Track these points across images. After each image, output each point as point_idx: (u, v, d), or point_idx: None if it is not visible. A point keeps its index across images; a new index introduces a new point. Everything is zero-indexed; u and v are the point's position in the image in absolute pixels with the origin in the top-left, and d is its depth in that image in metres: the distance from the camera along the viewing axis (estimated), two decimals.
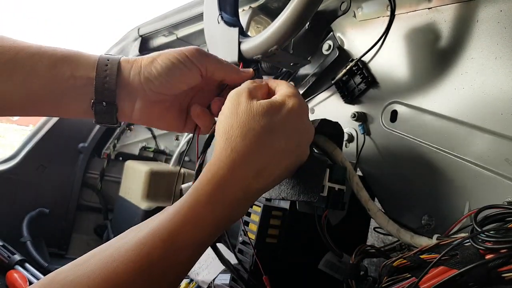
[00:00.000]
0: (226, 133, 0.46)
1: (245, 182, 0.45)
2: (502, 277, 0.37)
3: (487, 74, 0.56)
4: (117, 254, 0.39)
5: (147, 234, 0.40)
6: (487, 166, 0.55)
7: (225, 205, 0.43)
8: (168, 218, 0.41)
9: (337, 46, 0.77)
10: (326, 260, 0.65)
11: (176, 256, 0.40)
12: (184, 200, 0.43)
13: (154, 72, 0.53)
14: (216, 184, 0.43)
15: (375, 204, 0.61)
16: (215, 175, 0.44)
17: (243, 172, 0.45)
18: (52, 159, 1.47)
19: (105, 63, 0.52)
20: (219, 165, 0.44)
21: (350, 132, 0.75)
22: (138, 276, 0.38)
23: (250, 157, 0.45)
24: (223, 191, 0.43)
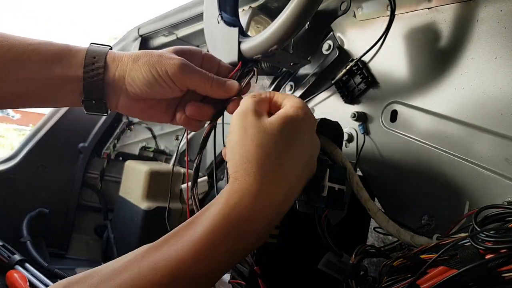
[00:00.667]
0: (243, 158, 0.43)
1: (272, 208, 0.43)
2: (502, 277, 0.37)
3: (487, 74, 0.56)
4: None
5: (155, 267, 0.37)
6: (487, 166, 0.55)
7: (246, 238, 0.41)
8: (181, 248, 0.38)
9: (337, 46, 0.77)
10: (326, 260, 0.65)
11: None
12: (200, 230, 0.39)
13: (136, 80, 0.53)
14: (238, 215, 0.40)
15: (375, 204, 0.61)
16: (237, 205, 0.41)
17: (272, 196, 0.42)
18: (52, 159, 1.47)
19: (91, 62, 0.53)
20: (242, 194, 0.41)
21: (350, 132, 0.75)
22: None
23: (278, 180, 0.43)
24: (248, 223, 0.41)
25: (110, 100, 0.57)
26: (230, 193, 0.42)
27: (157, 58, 0.53)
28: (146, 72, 0.53)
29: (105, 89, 0.55)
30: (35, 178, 1.43)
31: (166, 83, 0.54)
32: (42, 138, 1.44)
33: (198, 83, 0.55)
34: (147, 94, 0.55)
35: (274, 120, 0.45)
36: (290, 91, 0.86)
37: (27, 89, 0.53)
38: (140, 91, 0.55)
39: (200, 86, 0.55)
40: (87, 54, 0.54)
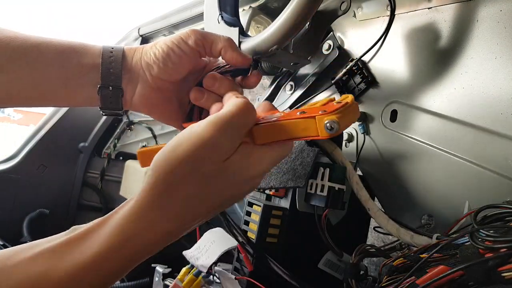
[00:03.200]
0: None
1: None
2: (502, 276, 0.37)
3: (487, 74, 0.56)
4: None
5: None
6: (486, 166, 0.55)
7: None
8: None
9: (337, 46, 0.77)
10: (326, 260, 0.65)
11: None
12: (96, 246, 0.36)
13: (152, 57, 0.53)
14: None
15: (375, 203, 0.61)
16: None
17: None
18: (53, 159, 1.47)
19: (109, 50, 0.54)
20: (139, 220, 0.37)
21: (350, 131, 0.75)
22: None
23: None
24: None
25: (126, 90, 0.56)
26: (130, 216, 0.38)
27: (172, 35, 0.55)
28: (161, 46, 0.53)
29: (122, 77, 0.54)
30: (36, 177, 1.43)
31: (180, 48, 0.53)
32: (42, 137, 1.44)
33: (215, 38, 0.54)
34: (164, 70, 0.54)
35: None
36: (290, 91, 0.86)
37: (43, 83, 0.53)
38: (157, 68, 0.54)
39: (215, 40, 0.54)
40: (105, 46, 0.55)
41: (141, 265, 0.41)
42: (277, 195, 0.66)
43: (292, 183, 0.58)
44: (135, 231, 0.36)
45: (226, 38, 0.55)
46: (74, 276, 0.35)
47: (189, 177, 0.37)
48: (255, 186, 0.42)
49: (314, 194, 0.60)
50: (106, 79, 0.53)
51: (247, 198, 0.67)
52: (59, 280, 0.35)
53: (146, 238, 0.37)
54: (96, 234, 0.37)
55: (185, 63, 0.54)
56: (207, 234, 0.68)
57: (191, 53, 0.54)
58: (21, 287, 0.34)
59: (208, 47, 0.54)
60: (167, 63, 0.54)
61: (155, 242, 0.38)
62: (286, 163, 0.61)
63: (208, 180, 0.37)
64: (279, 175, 0.61)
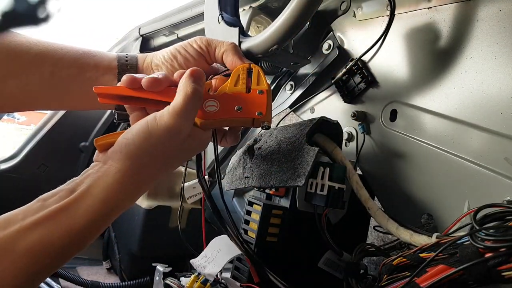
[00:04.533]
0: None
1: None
2: (502, 275, 0.37)
3: (487, 74, 0.57)
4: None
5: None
6: (486, 165, 0.56)
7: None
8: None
9: (337, 45, 0.77)
10: (326, 259, 0.65)
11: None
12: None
13: (161, 58, 0.58)
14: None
15: (374, 202, 0.61)
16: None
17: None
18: (54, 158, 1.47)
19: (124, 56, 0.59)
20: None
21: (350, 131, 0.76)
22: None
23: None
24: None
25: None
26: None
27: (182, 42, 0.59)
28: (171, 50, 0.59)
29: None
30: (37, 177, 1.43)
31: (186, 51, 0.58)
32: (43, 137, 1.44)
33: (218, 43, 0.58)
34: (171, 71, 0.57)
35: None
36: (290, 91, 0.86)
37: (62, 86, 0.56)
38: (165, 70, 0.58)
39: (218, 44, 0.58)
40: (119, 54, 0.59)
41: (142, 264, 0.45)
42: (277, 194, 0.66)
43: (292, 182, 0.58)
44: (118, 202, 0.45)
45: (230, 42, 0.59)
46: (71, 239, 0.42)
47: (158, 158, 0.46)
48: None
49: (314, 193, 0.60)
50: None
51: (247, 198, 0.67)
52: (61, 244, 0.41)
53: (126, 205, 0.47)
54: (83, 204, 0.43)
55: (190, 65, 0.57)
56: (213, 242, 0.68)
57: (196, 56, 0.58)
58: (27, 253, 0.39)
59: (212, 51, 0.58)
60: (174, 64, 0.58)
61: (130, 205, 0.48)
62: (286, 162, 0.62)
63: (171, 157, 0.48)
64: (279, 174, 0.62)
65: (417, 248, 0.50)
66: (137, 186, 0.46)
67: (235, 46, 0.58)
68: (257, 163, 0.68)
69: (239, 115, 0.50)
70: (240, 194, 1.19)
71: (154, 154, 0.46)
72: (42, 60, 0.55)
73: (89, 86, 0.56)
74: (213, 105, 0.50)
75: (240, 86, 0.53)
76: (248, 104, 0.51)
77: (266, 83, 0.53)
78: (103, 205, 0.43)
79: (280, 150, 0.65)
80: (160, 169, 0.48)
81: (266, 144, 0.69)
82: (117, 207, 0.45)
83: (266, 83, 0.53)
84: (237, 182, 0.72)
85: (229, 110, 0.50)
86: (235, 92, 0.52)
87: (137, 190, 0.47)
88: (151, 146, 0.45)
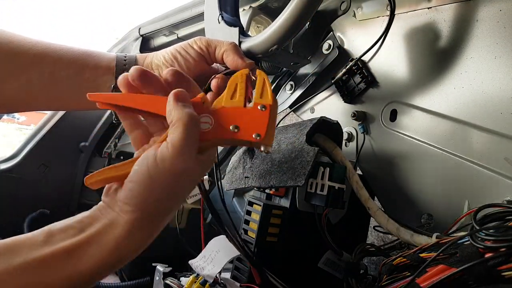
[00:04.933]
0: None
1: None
2: (502, 275, 0.37)
3: (487, 74, 0.57)
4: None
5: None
6: (486, 165, 0.56)
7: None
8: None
9: (337, 45, 0.77)
10: (326, 259, 0.65)
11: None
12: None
13: (162, 59, 0.58)
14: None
15: (375, 203, 0.61)
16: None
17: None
18: (54, 158, 1.47)
19: (123, 56, 0.59)
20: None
21: (350, 131, 0.76)
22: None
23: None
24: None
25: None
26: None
27: (182, 42, 0.58)
28: (171, 50, 0.58)
29: None
30: (36, 177, 1.43)
31: (187, 52, 0.57)
32: (43, 137, 1.44)
33: (217, 43, 0.57)
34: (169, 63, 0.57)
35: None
36: (290, 91, 0.86)
37: (61, 86, 0.56)
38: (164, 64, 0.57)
39: (218, 44, 0.57)
40: (118, 54, 0.59)
41: (142, 264, 0.44)
42: (277, 194, 0.66)
43: (292, 182, 0.58)
44: (126, 253, 0.42)
45: (230, 42, 0.58)
46: (72, 284, 0.40)
47: (167, 201, 0.43)
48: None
49: (314, 193, 0.60)
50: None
51: (247, 198, 0.67)
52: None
53: (134, 255, 0.44)
54: (90, 250, 0.41)
55: (191, 66, 0.57)
56: (212, 243, 0.68)
57: (196, 57, 0.57)
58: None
59: (212, 51, 0.57)
60: (174, 65, 0.57)
61: (138, 253, 0.45)
62: (286, 162, 0.62)
63: (180, 194, 0.44)
64: (279, 174, 0.62)
65: (417, 248, 0.50)
66: (148, 233, 0.44)
67: (235, 46, 0.57)
68: (257, 163, 0.68)
69: (235, 135, 0.42)
70: (240, 194, 1.19)
71: (163, 198, 0.42)
72: (42, 60, 0.54)
73: (88, 86, 0.56)
74: (207, 122, 0.43)
75: (237, 99, 0.45)
76: (246, 123, 0.43)
77: (271, 97, 0.44)
78: (110, 255, 0.42)
79: (280, 150, 0.65)
80: (171, 208, 0.45)
81: None
82: (125, 257, 0.43)
83: (271, 97, 0.44)
84: (237, 182, 0.72)
85: (224, 130, 0.43)
86: (231, 106, 0.44)
87: (148, 237, 0.44)
88: (158, 194, 0.42)
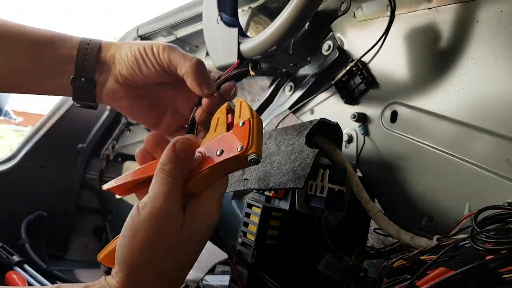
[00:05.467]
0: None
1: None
2: (503, 278, 0.37)
3: (487, 75, 0.56)
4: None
5: None
6: (487, 167, 0.55)
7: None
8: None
9: (337, 46, 0.77)
10: (326, 261, 0.65)
11: None
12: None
13: (124, 58, 0.54)
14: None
15: (375, 205, 0.61)
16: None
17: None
18: (51, 160, 1.47)
19: (87, 43, 0.55)
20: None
21: (350, 132, 0.75)
22: None
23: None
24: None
25: (99, 81, 0.56)
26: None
27: (147, 42, 0.55)
28: (135, 50, 0.53)
29: (96, 69, 0.55)
30: (34, 179, 1.43)
31: (150, 61, 0.53)
32: (40, 139, 1.44)
33: (179, 61, 0.53)
34: (131, 74, 0.54)
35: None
36: (290, 92, 0.86)
37: (18, 71, 0.54)
38: (126, 71, 0.54)
39: (180, 63, 0.53)
40: (82, 39, 0.55)
41: None
42: (277, 197, 0.65)
43: (291, 184, 0.58)
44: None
45: (191, 63, 0.52)
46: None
47: (156, 260, 0.40)
48: (216, 223, 0.44)
49: (314, 196, 0.60)
50: (80, 70, 0.54)
51: (246, 200, 0.67)
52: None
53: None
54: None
55: (151, 75, 0.54)
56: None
57: (158, 68, 0.54)
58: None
59: (174, 69, 0.53)
60: (135, 70, 0.54)
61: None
62: (285, 164, 0.61)
63: (176, 249, 0.41)
64: (278, 176, 0.61)
65: (418, 251, 0.50)
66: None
67: (195, 70, 0.52)
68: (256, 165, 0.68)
69: (221, 158, 0.42)
70: (239, 196, 1.18)
71: (149, 258, 0.40)
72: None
73: (46, 75, 0.54)
74: (196, 160, 0.43)
75: (220, 128, 0.46)
76: (229, 143, 0.43)
77: (249, 112, 0.44)
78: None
79: (280, 152, 0.64)
80: (168, 269, 0.41)
81: (265, 146, 0.69)
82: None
83: (250, 112, 0.44)
84: (236, 184, 0.72)
85: (211, 158, 0.43)
86: (216, 137, 0.45)
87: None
88: (144, 245, 0.39)
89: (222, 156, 0.42)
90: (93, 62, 0.54)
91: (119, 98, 0.57)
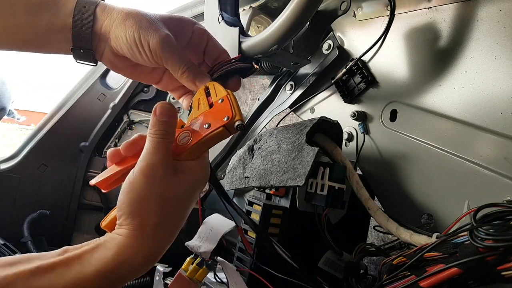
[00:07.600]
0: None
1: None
2: (501, 275, 0.37)
3: (487, 74, 0.57)
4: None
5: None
6: (486, 165, 0.56)
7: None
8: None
9: (337, 45, 0.77)
10: (326, 259, 0.65)
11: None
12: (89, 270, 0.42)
13: (119, 40, 0.54)
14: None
15: (375, 202, 0.61)
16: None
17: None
18: (54, 158, 1.47)
19: (81, 11, 0.54)
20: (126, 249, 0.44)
21: (350, 131, 0.76)
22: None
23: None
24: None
25: (97, 50, 0.57)
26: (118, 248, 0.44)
27: (145, 24, 0.53)
28: (130, 36, 0.53)
29: (93, 38, 0.55)
30: (36, 177, 1.43)
31: (145, 54, 0.54)
32: (43, 137, 1.44)
33: (172, 65, 0.55)
34: (130, 56, 0.55)
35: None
36: (290, 91, 0.86)
37: (15, 36, 0.54)
38: (121, 51, 0.55)
39: (172, 69, 0.55)
40: (78, 3, 0.54)
41: None
42: (277, 194, 0.66)
43: (292, 182, 0.58)
44: (128, 258, 0.44)
45: (183, 70, 0.55)
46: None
47: (155, 209, 0.43)
48: (207, 176, 0.50)
49: (314, 193, 0.60)
50: (77, 42, 0.55)
51: (247, 198, 0.68)
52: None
53: (137, 260, 0.45)
54: (97, 256, 0.42)
55: (148, 63, 0.55)
56: (205, 223, 0.69)
57: (153, 62, 0.55)
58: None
59: (168, 68, 0.55)
60: (132, 55, 0.54)
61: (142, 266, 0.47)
62: (286, 162, 0.62)
63: (170, 202, 0.44)
64: (279, 174, 0.62)
65: (417, 248, 0.50)
66: (149, 247, 0.45)
67: (189, 80, 0.55)
68: (257, 163, 0.68)
69: (209, 131, 0.47)
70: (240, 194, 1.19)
71: (150, 203, 0.43)
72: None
73: (43, 40, 0.55)
74: (185, 136, 0.49)
75: (202, 106, 0.51)
76: (214, 116, 0.49)
77: (224, 90, 0.51)
78: (113, 261, 0.42)
79: (280, 150, 0.65)
80: (167, 218, 0.45)
81: (266, 144, 0.69)
82: (128, 264, 0.44)
83: (224, 90, 0.51)
84: (237, 182, 0.72)
85: (200, 132, 0.48)
86: (200, 114, 0.51)
87: (148, 255, 0.46)
88: (141, 199, 0.43)
89: (211, 128, 0.47)
90: (88, 34, 0.54)
91: (117, 68, 0.59)
